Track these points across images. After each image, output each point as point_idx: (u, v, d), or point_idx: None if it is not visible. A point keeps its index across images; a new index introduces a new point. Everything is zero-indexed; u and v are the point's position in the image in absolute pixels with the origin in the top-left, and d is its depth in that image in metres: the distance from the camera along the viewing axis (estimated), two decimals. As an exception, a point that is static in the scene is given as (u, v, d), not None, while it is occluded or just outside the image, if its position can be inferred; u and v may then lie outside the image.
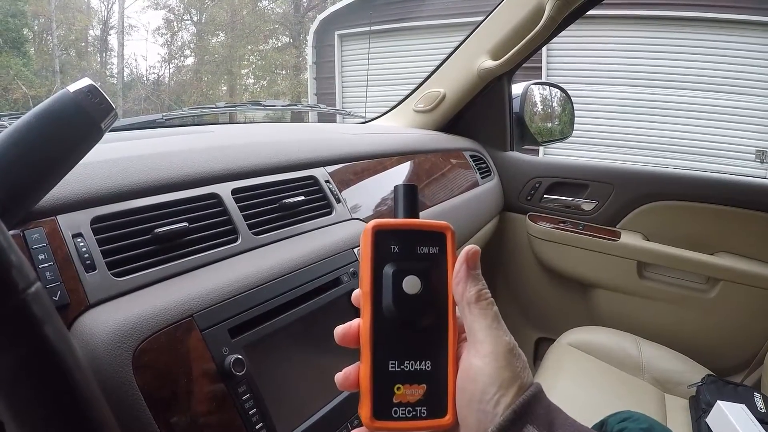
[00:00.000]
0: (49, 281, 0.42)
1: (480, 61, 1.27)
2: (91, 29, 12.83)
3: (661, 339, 1.16)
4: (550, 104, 1.63)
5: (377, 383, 0.29)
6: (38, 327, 0.27)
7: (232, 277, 0.51)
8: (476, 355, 0.28)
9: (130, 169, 0.53)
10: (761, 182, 1.26)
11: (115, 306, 0.44)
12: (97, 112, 0.41)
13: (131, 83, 12.88)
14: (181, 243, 0.53)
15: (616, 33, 5.90)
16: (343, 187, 0.80)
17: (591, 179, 1.35)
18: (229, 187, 0.61)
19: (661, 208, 1.26)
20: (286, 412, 0.50)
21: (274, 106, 1.38)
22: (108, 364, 0.39)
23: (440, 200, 1.08)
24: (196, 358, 0.44)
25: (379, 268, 0.30)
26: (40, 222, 0.44)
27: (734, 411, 0.85)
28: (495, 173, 1.43)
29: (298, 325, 0.55)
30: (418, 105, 1.40)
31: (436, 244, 0.31)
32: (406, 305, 0.29)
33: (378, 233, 0.30)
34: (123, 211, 0.50)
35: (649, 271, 1.29)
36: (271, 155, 0.71)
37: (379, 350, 0.29)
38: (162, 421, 0.40)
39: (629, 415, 0.78)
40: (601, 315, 1.37)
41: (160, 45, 14.62)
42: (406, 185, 0.32)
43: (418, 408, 0.29)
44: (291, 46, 12.83)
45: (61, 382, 0.28)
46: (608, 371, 1.07)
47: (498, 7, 1.24)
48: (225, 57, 12.82)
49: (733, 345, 1.21)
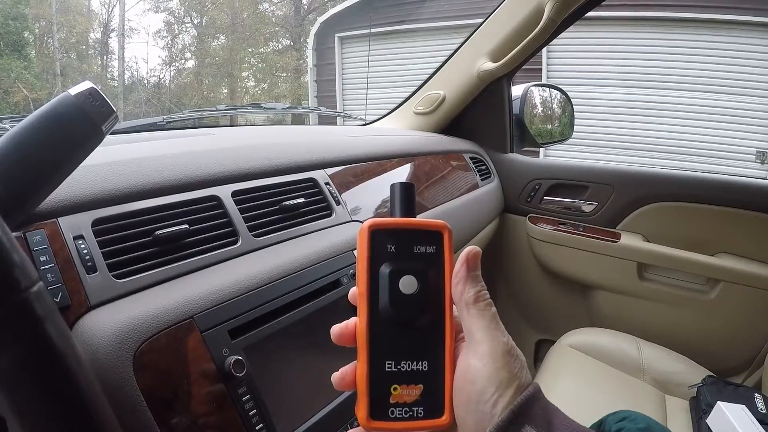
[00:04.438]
0: (51, 283, 0.42)
1: (480, 63, 1.27)
2: (92, 32, 12.88)
3: (661, 340, 1.16)
4: (550, 106, 1.63)
5: (374, 383, 0.29)
6: (40, 325, 0.27)
7: (232, 278, 0.52)
8: (474, 356, 0.28)
9: (131, 171, 0.53)
10: (761, 183, 1.26)
11: (116, 307, 0.44)
12: (98, 115, 0.41)
13: (132, 86, 12.90)
14: (181, 245, 0.53)
15: (615, 34, 5.91)
16: (343, 189, 0.80)
17: (591, 181, 1.35)
18: (229, 190, 0.62)
19: (661, 209, 1.26)
20: (286, 413, 0.50)
21: (275, 109, 1.38)
22: (109, 365, 0.39)
23: (440, 202, 1.08)
24: (197, 359, 0.44)
25: (376, 267, 0.30)
26: (41, 224, 0.44)
27: (735, 412, 0.85)
28: (495, 175, 1.43)
29: (298, 327, 0.55)
30: (418, 107, 1.40)
31: (433, 244, 0.30)
32: (403, 305, 0.29)
33: (374, 233, 0.30)
34: (124, 213, 0.50)
35: (649, 272, 1.29)
36: (272, 157, 0.72)
37: (375, 350, 0.29)
38: (162, 421, 0.40)
39: (627, 414, 0.78)
40: (602, 316, 1.37)
41: (161, 48, 14.64)
42: (403, 183, 0.32)
43: (414, 408, 0.29)
44: (291, 48, 12.86)
45: (62, 379, 0.28)
46: (608, 372, 1.07)
47: (497, 9, 1.24)
48: (225, 60, 12.84)
49: (733, 346, 1.21)
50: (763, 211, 1.15)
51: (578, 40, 5.89)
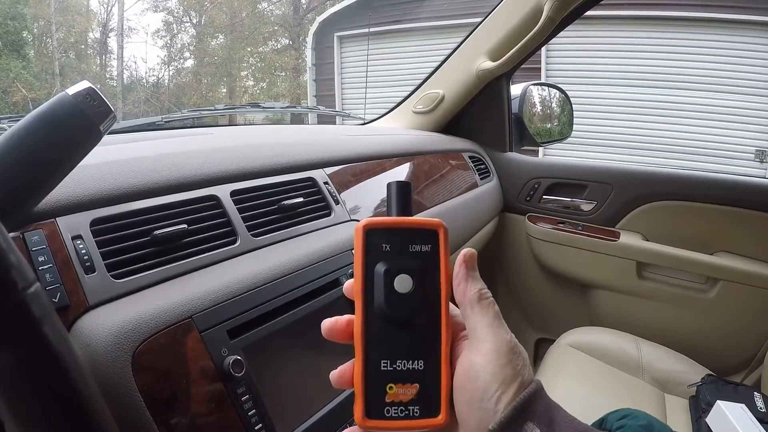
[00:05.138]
0: (49, 283, 0.42)
1: (479, 62, 1.27)
2: (91, 32, 12.86)
3: (660, 339, 1.16)
4: (549, 105, 1.63)
5: (369, 382, 0.29)
6: (37, 326, 0.27)
7: (231, 278, 0.52)
8: (477, 353, 0.28)
9: (130, 171, 0.53)
10: (761, 182, 1.26)
11: (115, 307, 0.44)
12: (96, 115, 0.41)
13: (131, 86, 12.89)
14: (180, 245, 0.53)
15: (615, 33, 5.90)
16: (342, 189, 0.80)
17: (590, 180, 1.35)
18: (228, 189, 0.62)
19: (660, 208, 1.26)
20: (285, 413, 0.50)
21: (274, 108, 1.38)
22: (108, 365, 0.39)
23: (439, 201, 1.08)
24: (196, 359, 0.44)
25: (371, 267, 0.30)
26: (39, 224, 0.44)
27: (734, 411, 0.85)
28: (494, 174, 1.43)
29: (297, 327, 0.55)
30: (417, 106, 1.40)
31: (428, 242, 0.30)
32: (398, 304, 0.29)
33: (369, 232, 0.30)
34: (122, 213, 0.50)
35: (648, 271, 1.29)
36: (270, 157, 0.72)
37: (371, 349, 0.29)
38: (161, 421, 0.40)
39: (628, 412, 0.78)
40: (601, 315, 1.37)
41: (160, 47, 14.62)
42: (399, 182, 0.32)
43: (410, 407, 0.29)
44: (290, 48, 12.85)
45: (59, 380, 0.28)
46: (608, 371, 1.07)
47: (496, 8, 1.24)
48: (224, 59, 12.82)
49: (732, 345, 1.21)
50: (762, 210, 1.15)
51: (577, 39, 5.88)
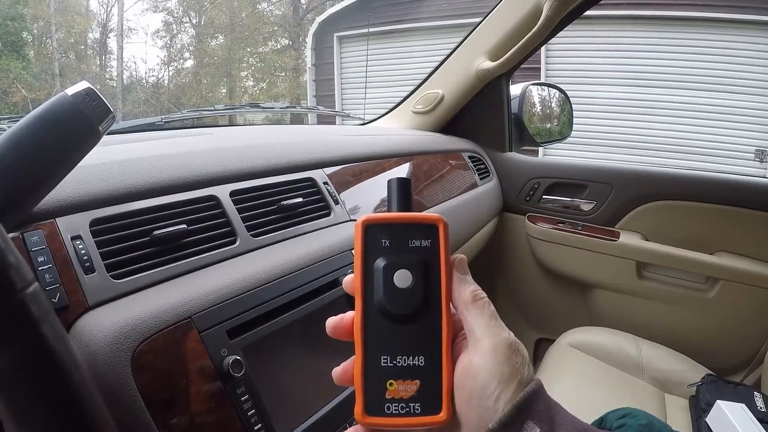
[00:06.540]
0: (49, 283, 0.42)
1: (478, 62, 1.27)
2: (91, 32, 12.85)
3: (660, 339, 1.16)
4: (548, 105, 1.63)
5: (369, 379, 0.29)
6: (36, 326, 0.27)
7: (230, 278, 0.52)
8: (475, 352, 0.28)
9: (129, 171, 0.53)
10: (760, 182, 1.26)
11: (114, 308, 0.44)
12: (95, 115, 0.41)
13: (130, 86, 12.89)
14: (179, 245, 0.53)
15: (614, 33, 5.90)
16: (341, 189, 0.80)
17: (590, 179, 1.35)
18: (227, 189, 0.62)
19: (660, 208, 1.26)
20: (285, 413, 0.50)
21: (273, 108, 1.38)
22: (107, 365, 0.39)
23: (439, 201, 1.08)
24: (195, 359, 0.44)
25: (370, 262, 0.29)
26: (39, 224, 0.44)
27: (734, 410, 0.85)
28: (494, 174, 1.43)
29: (297, 327, 0.55)
30: (416, 106, 1.40)
31: (428, 237, 0.30)
32: (398, 299, 0.29)
33: (368, 227, 0.30)
34: (122, 213, 0.50)
35: (648, 271, 1.29)
36: (270, 157, 0.72)
37: (370, 345, 0.29)
38: (161, 422, 0.40)
39: (629, 411, 0.78)
40: (601, 315, 1.37)
41: (160, 48, 14.57)
42: (399, 179, 0.31)
43: (411, 404, 0.28)
44: (290, 48, 12.85)
45: (58, 380, 0.28)
46: (608, 371, 1.07)
47: (496, 8, 1.24)
48: (224, 59, 12.82)
49: (732, 344, 1.21)
50: (762, 210, 1.15)
51: (577, 39, 5.88)
